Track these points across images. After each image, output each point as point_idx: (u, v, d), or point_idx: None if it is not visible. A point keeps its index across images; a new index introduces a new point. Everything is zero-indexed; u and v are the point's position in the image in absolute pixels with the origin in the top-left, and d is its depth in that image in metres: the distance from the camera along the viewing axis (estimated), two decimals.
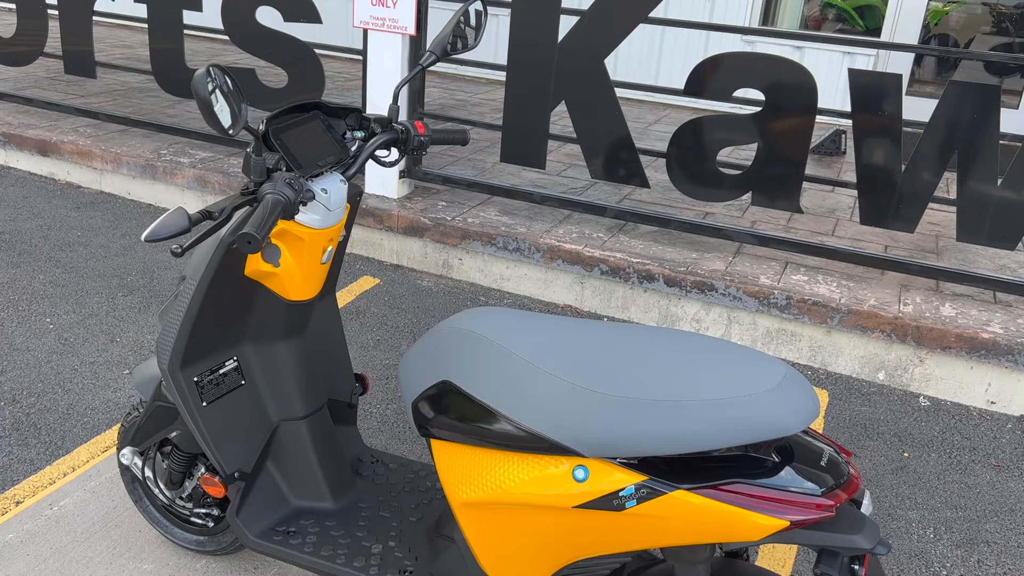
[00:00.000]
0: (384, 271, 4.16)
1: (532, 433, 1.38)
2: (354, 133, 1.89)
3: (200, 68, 1.51)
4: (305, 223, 1.71)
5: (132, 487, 2.21)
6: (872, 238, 4.22)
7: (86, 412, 2.79)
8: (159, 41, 4.75)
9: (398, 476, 2.09)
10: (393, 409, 2.97)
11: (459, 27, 1.88)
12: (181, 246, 1.50)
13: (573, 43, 3.79)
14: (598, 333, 1.49)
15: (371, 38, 4.16)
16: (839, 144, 6.00)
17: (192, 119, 5.42)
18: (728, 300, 3.57)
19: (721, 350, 1.42)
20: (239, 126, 1.54)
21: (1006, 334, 3.22)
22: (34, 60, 5.23)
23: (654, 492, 1.31)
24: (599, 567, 1.59)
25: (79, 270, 3.85)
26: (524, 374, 1.41)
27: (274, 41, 4.42)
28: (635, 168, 3.89)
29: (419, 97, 4.33)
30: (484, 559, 1.60)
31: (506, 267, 4.02)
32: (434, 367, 1.55)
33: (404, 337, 3.48)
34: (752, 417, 1.27)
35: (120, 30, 9.06)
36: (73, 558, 2.17)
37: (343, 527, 1.92)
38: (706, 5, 7.03)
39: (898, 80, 3.31)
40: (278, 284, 1.79)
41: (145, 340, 3.28)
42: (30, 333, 3.26)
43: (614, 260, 3.73)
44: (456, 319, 1.58)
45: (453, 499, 1.56)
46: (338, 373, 2.10)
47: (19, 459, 2.54)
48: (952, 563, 2.42)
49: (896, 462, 2.88)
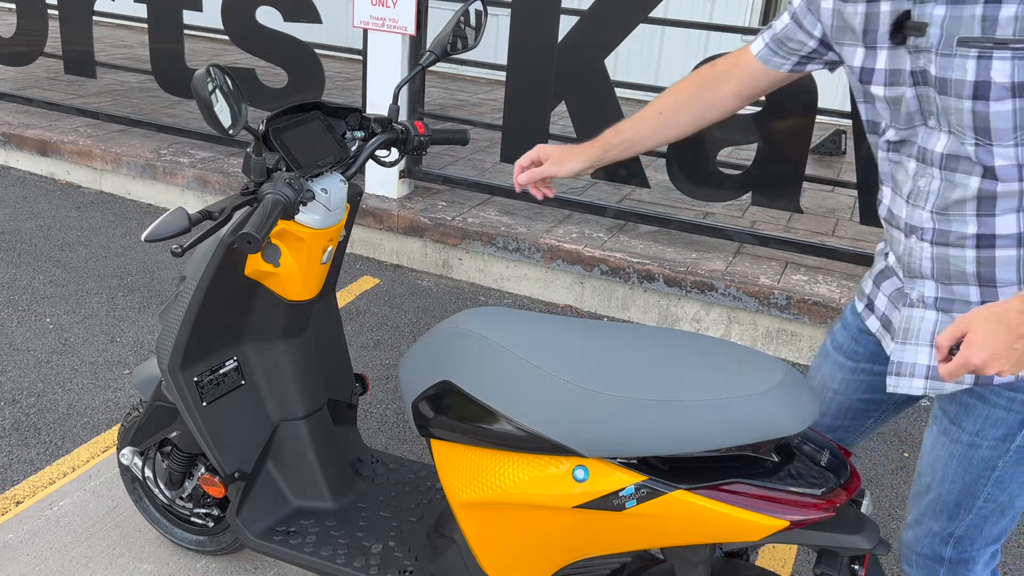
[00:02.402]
0: (384, 271, 4.16)
1: (532, 433, 1.38)
2: (354, 133, 1.89)
3: (200, 68, 1.50)
4: (305, 223, 1.71)
5: (132, 487, 2.21)
6: (872, 238, 4.21)
7: (86, 412, 2.79)
8: (159, 41, 4.75)
9: (398, 476, 2.09)
10: (393, 409, 2.97)
11: (459, 27, 1.88)
12: (181, 246, 1.50)
13: (573, 43, 3.79)
14: (598, 333, 1.49)
15: (371, 38, 4.16)
16: (839, 144, 6.00)
17: (192, 119, 5.42)
18: (728, 300, 3.57)
19: (721, 350, 1.42)
20: (239, 126, 1.54)
21: None
22: (34, 60, 5.23)
23: (654, 492, 1.31)
24: (599, 567, 1.59)
25: (79, 270, 3.85)
26: (524, 374, 1.41)
27: (274, 41, 4.42)
28: (635, 168, 3.90)
29: (419, 97, 4.33)
30: (484, 559, 1.60)
31: (506, 267, 4.02)
32: (434, 367, 1.55)
33: (404, 337, 3.48)
34: (752, 417, 1.27)
35: (120, 30, 9.06)
36: (73, 558, 2.17)
37: (343, 527, 1.92)
38: (706, 5, 7.03)
39: None
40: (278, 284, 1.79)
41: (145, 340, 3.28)
42: (30, 333, 3.26)
43: (614, 260, 3.73)
44: (456, 319, 1.58)
45: (453, 499, 1.56)
46: (338, 373, 2.10)
47: (19, 459, 2.54)
48: None
49: (896, 462, 2.88)
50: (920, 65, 1.25)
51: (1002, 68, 1.15)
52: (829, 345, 1.64)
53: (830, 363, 1.62)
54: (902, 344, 1.40)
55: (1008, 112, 1.17)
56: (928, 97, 1.27)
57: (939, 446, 1.43)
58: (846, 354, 1.59)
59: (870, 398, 1.59)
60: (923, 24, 1.21)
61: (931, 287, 1.35)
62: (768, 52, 1.52)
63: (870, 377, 1.57)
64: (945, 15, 1.19)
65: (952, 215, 1.29)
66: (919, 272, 1.36)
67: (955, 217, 1.29)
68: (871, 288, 1.54)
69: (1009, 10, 1.13)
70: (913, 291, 1.39)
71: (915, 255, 1.36)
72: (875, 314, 1.52)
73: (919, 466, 1.52)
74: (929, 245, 1.33)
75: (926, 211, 1.32)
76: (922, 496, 1.51)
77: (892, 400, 1.59)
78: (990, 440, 1.37)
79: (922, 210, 1.32)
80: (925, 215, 1.32)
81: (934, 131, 1.28)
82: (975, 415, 1.36)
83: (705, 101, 1.60)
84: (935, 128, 1.28)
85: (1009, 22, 1.13)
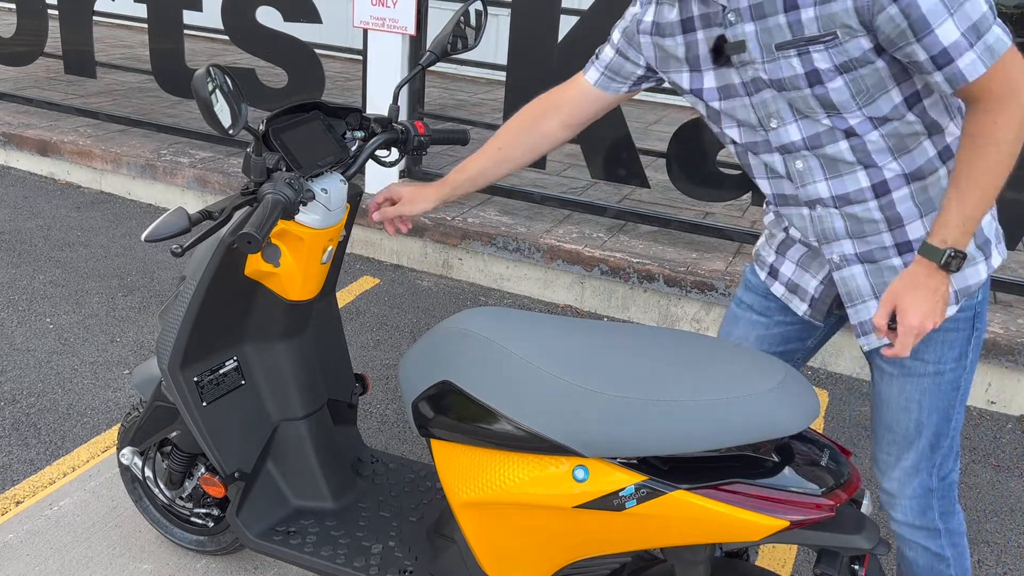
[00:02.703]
0: (384, 271, 4.16)
1: (532, 433, 1.38)
2: (354, 133, 1.88)
3: (200, 68, 1.50)
4: (305, 223, 1.71)
5: (132, 487, 2.21)
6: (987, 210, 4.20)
7: (86, 412, 2.79)
8: (159, 41, 4.75)
9: (398, 476, 2.09)
10: (393, 409, 2.97)
11: (459, 27, 1.88)
12: (181, 246, 1.50)
13: (573, 43, 3.78)
14: (598, 333, 1.49)
15: (371, 38, 4.16)
16: None
17: (192, 119, 5.42)
18: (728, 300, 3.57)
19: (721, 350, 1.42)
20: (239, 126, 1.54)
21: (1006, 334, 3.22)
22: (34, 60, 5.23)
23: (654, 492, 1.31)
24: (599, 567, 1.59)
25: (79, 270, 3.85)
26: (524, 374, 1.41)
27: (274, 41, 4.42)
28: (635, 168, 3.89)
29: (419, 97, 4.33)
30: (484, 559, 1.60)
31: (506, 267, 4.02)
32: (434, 367, 1.55)
33: (404, 337, 3.48)
34: (752, 417, 1.27)
35: (120, 30, 9.06)
36: (73, 558, 2.17)
37: (343, 527, 1.92)
38: None
39: None
40: (278, 284, 1.79)
41: (145, 340, 3.28)
42: (30, 333, 3.26)
43: (614, 260, 3.73)
44: (456, 319, 1.58)
45: (453, 499, 1.56)
46: (338, 373, 2.09)
47: (19, 459, 2.54)
48: None
49: None
50: (750, 76, 1.43)
51: (821, 58, 1.34)
52: (737, 309, 1.78)
53: (743, 324, 1.76)
54: (853, 306, 1.55)
55: (843, 87, 1.36)
56: (764, 102, 1.44)
57: (907, 387, 1.56)
58: (759, 312, 1.73)
59: (785, 349, 1.74)
60: (741, 42, 1.40)
61: (848, 245, 1.51)
62: (605, 80, 1.66)
63: (783, 328, 1.72)
64: (756, 29, 1.38)
65: (845, 176, 1.45)
66: (834, 236, 1.52)
67: (847, 177, 1.45)
68: (774, 258, 1.68)
69: (808, 13, 1.32)
70: (833, 254, 1.54)
71: (826, 223, 1.51)
72: (779, 280, 1.68)
73: (883, 420, 1.63)
74: (836, 209, 1.49)
75: (820, 183, 1.47)
76: (903, 444, 1.60)
77: (805, 347, 1.75)
78: (950, 363, 1.53)
79: (815, 184, 1.48)
80: (821, 186, 1.48)
81: (779, 129, 1.46)
82: (934, 345, 1.52)
83: (535, 135, 1.74)
84: (778, 127, 1.46)
85: (811, 22, 1.32)
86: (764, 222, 1.74)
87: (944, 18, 1.25)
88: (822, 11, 1.31)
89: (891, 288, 1.38)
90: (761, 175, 1.57)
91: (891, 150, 1.42)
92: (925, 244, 1.36)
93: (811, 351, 1.78)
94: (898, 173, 1.44)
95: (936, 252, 1.34)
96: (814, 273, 1.61)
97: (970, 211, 1.33)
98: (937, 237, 1.35)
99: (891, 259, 1.49)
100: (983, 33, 1.26)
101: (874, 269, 1.51)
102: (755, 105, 1.46)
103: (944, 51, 1.27)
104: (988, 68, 1.27)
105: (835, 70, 1.34)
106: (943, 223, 1.35)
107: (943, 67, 1.28)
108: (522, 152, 1.75)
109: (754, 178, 1.60)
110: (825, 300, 1.62)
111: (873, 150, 1.42)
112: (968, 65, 1.27)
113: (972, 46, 1.26)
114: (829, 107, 1.38)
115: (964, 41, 1.26)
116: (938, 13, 1.24)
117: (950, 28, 1.25)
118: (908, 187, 1.44)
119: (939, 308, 1.35)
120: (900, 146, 1.42)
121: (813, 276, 1.61)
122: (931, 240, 1.36)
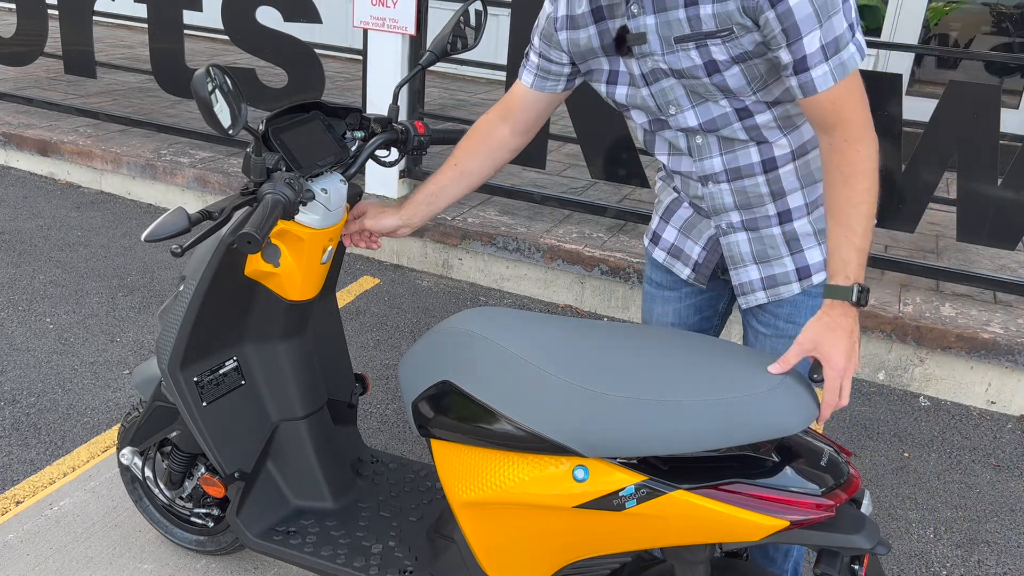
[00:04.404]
0: (384, 271, 4.16)
1: (532, 433, 1.38)
2: (354, 133, 1.88)
3: (200, 68, 1.50)
4: (305, 223, 1.71)
5: (132, 487, 2.21)
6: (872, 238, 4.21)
7: (86, 412, 2.79)
8: (159, 41, 4.75)
9: (398, 476, 2.09)
10: (393, 409, 2.97)
11: (459, 27, 1.88)
12: (181, 246, 1.50)
13: None
14: (598, 333, 1.49)
15: (371, 38, 4.16)
16: None
17: (192, 119, 5.42)
18: None
19: (721, 350, 1.42)
20: (239, 126, 1.54)
21: (1006, 334, 3.22)
22: (34, 60, 5.23)
23: (654, 492, 1.31)
24: (599, 567, 1.59)
25: (79, 270, 3.85)
26: (524, 374, 1.41)
27: (274, 41, 4.42)
28: (635, 168, 3.89)
29: (419, 97, 4.33)
30: (484, 559, 1.60)
31: (506, 267, 4.02)
32: (434, 367, 1.55)
33: (404, 337, 3.48)
34: (753, 417, 1.27)
35: (120, 30, 9.06)
36: (73, 558, 2.17)
37: (343, 527, 1.92)
38: None
39: (898, 80, 3.31)
40: (278, 284, 1.79)
41: (145, 340, 3.28)
42: (30, 333, 3.26)
43: (614, 260, 3.73)
44: (456, 319, 1.58)
45: (453, 499, 1.56)
46: (338, 373, 2.09)
47: (19, 459, 2.54)
48: (952, 563, 2.42)
49: (896, 462, 2.88)
50: (649, 67, 1.50)
51: (718, 50, 1.41)
52: (651, 288, 1.86)
53: (660, 302, 1.85)
54: (735, 269, 1.67)
55: (739, 74, 1.43)
56: (663, 90, 1.52)
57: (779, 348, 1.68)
58: (669, 287, 1.82)
59: (700, 318, 1.84)
60: (642, 34, 1.46)
61: (736, 215, 1.62)
62: (540, 81, 1.69)
63: (695, 299, 1.81)
64: (656, 23, 1.44)
65: (738, 151, 1.54)
66: (723, 208, 1.62)
67: (740, 152, 1.54)
68: (658, 223, 1.80)
69: (707, 9, 1.38)
70: (722, 222, 1.65)
71: (716, 198, 1.61)
72: (660, 246, 1.79)
73: None
74: (727, 184, 1.59)
75: (716, 158, 1.56)
76: None
77: (718, 312, 1.85)
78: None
79: (711, 159, 1.57)
80: (716, 161, 1.57)
81: (677, 115, 1.54)
82: (803, 308, 1.65)
83: (488, 145, 1.78)
84: (676, 113, 1.53)
85: (709, 18, 1.38)
86: (655, 191, 1.84)
87: (813, 28, 1.31)
88: (719, 8, 1.37)
89: (805, 334, 1.37)
90: (663, 151, 1.66)
91: (780, 128, 1.51)
92: (830, 287, 1.39)
93: (724, 315, 1.87)
94: (787, 150, 1.54)
95: (845, 291, 1.37)
96: (695, 239, 1.72)
97: (859, 243, 1.37)
98: (839, 276, 1.38)
99: (772, 228, 1.60)
100: (840, 49, 1.33)
101: (756, 237, 1.62)
102: (655, 94, 1.53)
103: (804, 59, 1.34)
104: (837, 83, 1.34)
105: (731, 61, 1.41)
106: (841, 262, 1.38)
107: (799, 73, 1.36)
108: (479, 165, 1.78)
109: (656, 155, 1.68)
110: (708, 265, 1.72)
111: (764, 128, 1.51)
112: (820, 77, 1.35)
113: (827, 59, 1.33)
114: (728, 92, 1.46)
115: (821, 53, 1.33)
116: (809, 23, 1.31)
117: (815, 39, 1.32)
118: (793, 163, 1.55)
119: (856, 348, 1.37)
120: (788, 124, 1.51)
121: (695, 242, 1.72)
122: (834, 281, 1.38)
